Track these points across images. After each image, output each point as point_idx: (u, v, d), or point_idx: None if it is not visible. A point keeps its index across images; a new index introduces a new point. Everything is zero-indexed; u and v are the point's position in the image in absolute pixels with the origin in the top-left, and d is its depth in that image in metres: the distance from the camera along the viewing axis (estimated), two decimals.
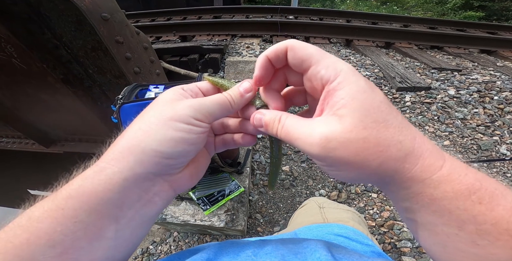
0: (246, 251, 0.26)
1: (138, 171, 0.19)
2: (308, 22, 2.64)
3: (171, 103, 0.21)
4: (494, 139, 1.44)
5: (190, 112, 0.20)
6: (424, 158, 0.16)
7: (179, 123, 0.20)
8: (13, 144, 1.32)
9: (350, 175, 0.18)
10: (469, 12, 5.54)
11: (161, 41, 2.44)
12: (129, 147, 0.19)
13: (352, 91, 0.17)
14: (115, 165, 0.19)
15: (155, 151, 0.19)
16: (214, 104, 0.22)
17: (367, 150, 0.16)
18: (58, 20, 0.81)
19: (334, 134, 0.17)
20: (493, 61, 2.18)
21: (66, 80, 0.95)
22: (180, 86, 0.23)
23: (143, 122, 0.20)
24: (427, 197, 0.16)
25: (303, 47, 0.19)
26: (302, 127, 0.19)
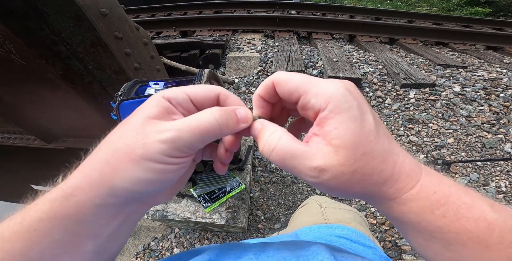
0: (248, 254, 0.25)
1: (110, 201, 0.18)
2: (310, 17, 2.60)
3: (147, 126, 0.18)
4: (499, 137, 1.42)
5: (164, 150, 0.17)
6: (400, 182, 0.18)
7: (151, 163, 0.17)
8: (15, 140, 1.33)
9: (335, 194, 0.20)
10: (476, 8, 5.42)
11: (161, 36, 2.41)
12: (97, 180, 0.17)
13: (344, 119, 0.18)
14: (83, 195, 0.17)
15: (127, 189, 0.18)
16: (197, 135, 0.18)
17: (354, 180, 0.18)
18: (56, 16, 0.80)
19: (329, 167, 0.18)
20: (500, 58, 2.13)
21: (66, 76, 0.94)
22: (169, 93, 0.20)
23: (112, 153, 0.18)
24: (398, 211, 0.19)
25: (288, 79, 0.20)
26: (299, 149, 0.19)
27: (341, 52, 2.01)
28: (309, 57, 1.94)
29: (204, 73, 0.71)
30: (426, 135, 1.47)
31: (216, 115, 0.19)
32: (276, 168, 1.40)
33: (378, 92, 1.68)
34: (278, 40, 2.26)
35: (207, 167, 0.99)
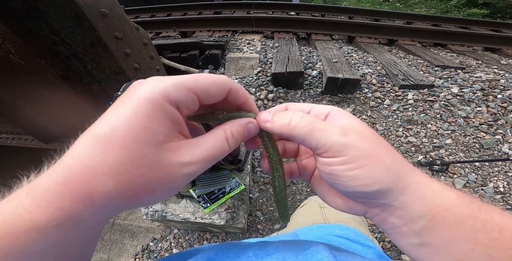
0: (247, 253, 0.25)
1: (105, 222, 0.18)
2: (310, 18, 2.60)
3: (165, 155, 0.16)
4: (497, 137, 1.43)
5: (187, 181, 0.18)
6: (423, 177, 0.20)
7: (173, 191, 0.18)
8: (13, 140, 1.32)
9: (362, 172, 0.19)
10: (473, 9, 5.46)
11: (161, 37, 2.41)
12: (103, 210, 0.15)
13: (349, 115, 0.22)
14: (83, 225, 0.15)
15: (129, 208, 0.18)
16: (212, 161, 0.19)
17: (382, 145, 0.20)
18: (56, 15, 0.80)
19: (353, 124, 0.20)
20: (497, 59, 2.15)
21: (65, 76, 0.94)
22: (175, 95, 0.16)
23: (125, 187, 0.15)
24: (442, 208, 0.17)
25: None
26: (322, 122, 0.21)
27: (340, 53, 2.02)
28: (308, 58, 1.94)
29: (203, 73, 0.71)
30: (424, 135, 1.48)
31: (231, 144, 0.20)
32: None
33: (377, 93, 1.68)
34: (277, 41, 2.27)
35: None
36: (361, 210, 0.22)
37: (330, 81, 1.62)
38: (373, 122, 1.58)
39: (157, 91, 0.16)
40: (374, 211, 0.21)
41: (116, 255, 1.21)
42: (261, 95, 1.66)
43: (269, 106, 1.65)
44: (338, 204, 0.24)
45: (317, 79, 1.77)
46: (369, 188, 0.19)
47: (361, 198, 0.21)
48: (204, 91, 0.18)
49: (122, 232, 1.25)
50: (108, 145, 0.14)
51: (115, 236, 1.25)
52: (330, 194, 0.24)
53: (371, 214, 0.22)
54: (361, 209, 0.22)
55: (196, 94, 0.18)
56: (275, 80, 1.71)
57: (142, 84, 0.16)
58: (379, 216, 0.21)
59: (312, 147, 0.20)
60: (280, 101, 1.68)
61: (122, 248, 1.22)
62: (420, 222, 0.18)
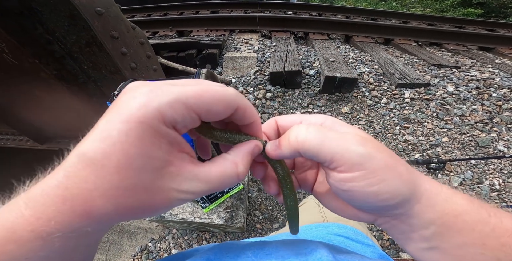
0: (247, 253, 0.25)
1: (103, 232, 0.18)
2: (307, 18, 2.61)
3: (161, 181, 0.15)
4: (492, 135, 1.45)
5: (186, 200, 0.17)
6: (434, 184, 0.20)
7: (168, 209, 0.17)
8: (7, 141, 1.30)
9: (383, 187, 0.17)
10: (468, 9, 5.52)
11: (157, 36, 2.39)
12: (103, 224, 0.16)
13: (350, 126, 0.21)
14: (84, 238, 0.15)
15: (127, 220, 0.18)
16: (208, 192, 0.17)
17: (393, 154, 0.19)
18: (51, 15, 0.79)
19: (367, 135, 0.19)
20: (492, 58, 2.18)
21: (60, 76, 0.93)
22: (171, 114, 0.14)
23: (121, 209, 0.14)
24: (452, 214, 0.17)
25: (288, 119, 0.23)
26: (331, 130, 0.20)
27: (338, 53, 2.03)
28: (306, 57, 1.95)
29: (202, 72, 0.70)
30: (421, 134, 1.49)
31: (240, 175, 0.18)
32: None
33: (374, 92, 1.69)
34: (275, 40, 2.26)
35: None
36: (370, 219, 0.21)
37: (327, 80, 1.63)
38: (370, 121, 1.59)
39: (151, 111, 0.14)
40: (384, 219, 0.21)
41: (114, 256, 1.20)
42: (259, 94, 1.66)
43: (267, 105, 1.65)
44: (347, 215, 0.22)
45: (315, 78, 1.77)
46: (389, 202, 0.18)
47: (377, 210, 0.20)
48: (207, 110, 0.15)
49: (120, 232, 1.24)
50: (101, 170, 0.14)
51: (113, 237, 1.24)
52: (337, 205, 0.23)
53: (381, 222, 0.21)
54: (370, 217, 0.21)
55: (197, 114, 0.15)
56: (273, 79, 1.71)
57: (134, 97, 0.14)
58: (389, 223, 0.20)
59: (326, 161, 0.18)
60: (278, 100, 1.69)
61: (120, 249, 1.21)
62: (430, 229, 0.18)
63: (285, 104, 1.68)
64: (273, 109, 1.63)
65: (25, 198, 0.14)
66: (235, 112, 0.17)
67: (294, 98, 1.71)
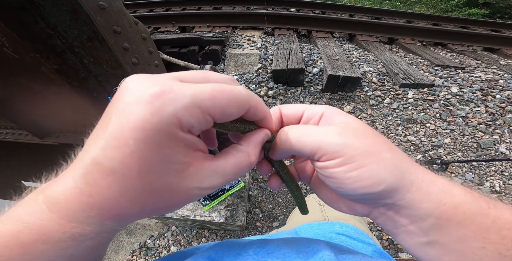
0: (248, 251, 0.25)
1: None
2: (310, 16, 2.58)
3: (184, 181, 0.15)
4: (494, 137, 1.44)
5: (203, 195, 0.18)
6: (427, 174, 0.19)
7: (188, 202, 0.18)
8: (6, 135, 1.30)
9: (363, 172, 0.18)
10: (473, 9, 5.45)
11: (159, 32, 2.38)
12: (118, 222, 0.16)
13: (344, 114, 0.21)
14: (94, 235, 0.16)
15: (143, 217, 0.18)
16: (224, 184, 0.18)
17: (382, 142, 0.19)
18: (52, 9, 0.78)
19: (349, 122, 0.20)
20: (497, 60, 2.15)
21: (61, 71, 0.92)
22: (187, 119, 0.14)
23: (148, 206, 0.15)
24: (450, 205, 0.17)
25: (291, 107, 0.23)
26: (311, 127, 0.20)
27: (341, 51, 2.01)
28: (309, 55, 1.93)
29: (205, 68, 0.69)
30: (423, 134, 1.48)
31: (252, 165, 0.19)
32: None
33: (377, 92, 1.68)
34: (278, 37, 2.24)
35: None
36: (365, 211, 0.21)
37: (330, 79, 1.62)
38: (372, 121, 1.58)
39: (167, 117, 0.13)
40: (379, 211, 0.20)
41: (113, 252, 1.21)
42: (261, 92, 1.65)
43: (269, 103, 1.64)
44: (341, 207, 0.23)
45: (318, 77, 1.76)
46: (373, 188, 0.17)
47: (366, 200, 0.20)
48: (221, 112, 0.15)
49: None
50: (122, 178, 0.13)
51: None
52: (332, 197, 0.23)
53: (376, 214, 0.21)
54: (365, 210, 0.21)
55: (211, 116, 0.15)
56: (275, 77, 1.70)
57: (146, 100, 0.13)
58: (384, 216, 0.20)
59: (308, 155, 0.19)
60: (280, 98, 1.68)
61: (119, 246, 1.22)
62: (428, 220, 0.17)
63: (287, 103, 1.67)
64: None
65: (45, 201, 0.14)
66: (247, 112, 0.17)
67: (297, 96, 1.70)
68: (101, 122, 0.14)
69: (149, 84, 0.14)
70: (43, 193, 0.15)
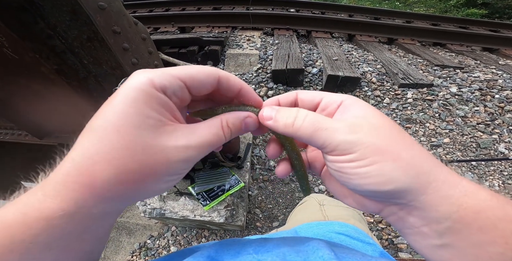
0: (248, 249, 0.25)
1: (116, 212, 0.19)
2: (310, 16, 2.59)
3: (158, 138, 0.16)
4: (493, 137, 1.44)
5: (185, 167, 0.18)
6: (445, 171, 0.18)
7: (171, 178, 0.18)
8: (6, 135, 1.29)
9: (372, 170, 0.17)
10: (472, 9, 5.46)
11: (159, 32, 2.38)
12: (106, 197, 0.16)
13: (363, 104, 0.20)
14: (87, 212, 0.16)
15: (139, 200, 0.19)
16: (207, 150, 0.19)
17: (402, 139, 0.18)
18: (52, 9, 0.78)
19: (366, 117, 0.19)
20: (495, 60, 2.16)
21: (60, 71, 0.92)
22: (160, 80, 0.17)
23: (121, 173, 0.15)
24: (471, 210, 0.16)
25: (310, 92, 0.23)
26: (330, 121, 0.19)
27: (341, 51, 2.01)
28: (308, 56, 1.93)
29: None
30: (423, 134, 1.49)
31: (226, 134, 0.20)
32: (275, 166, 1.40)
33: (376, 92, 1.68)
34: (277, 38, 2.25)
35: (206, 164, 0.99)
36: (375, 208, 0.20)
37: (330, 79, 1.62)
38: None
39: (143, 79, 0.16)
40: (390, 210, 0.19)
41: (112, 252, 1.21)
42: (261, 92, 1.65)
43: None
44: (351, 202, 0.22)
45: (317, 77, 1.76)
46: (381, 187, 0.17)
47: (375, 197, 0.19)
48: (190, 78, 0.18)
49: (119, 229, 1.24)
50: (103, 132, 0.15)
51: (111, 234, 1.24)
52: (342, 191, 0.23)
53: (387, 213, 0.20)
54: (375, 207, 0.20)
55: (182, 81, 0.18)
56: (275, 77, 1.70)
57: (131, 76, 0.17)
58: (396, 215, 0.19)
59: (318, 147, 0.19)
60: None
61: (118, 246, 1.22)
62: (444, 223, 0.17)
63: None
64: None
65: (42, 183, 0.16)
66: (220, 83, 0.19)
67: None
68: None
69: (143, 70, 0.18)
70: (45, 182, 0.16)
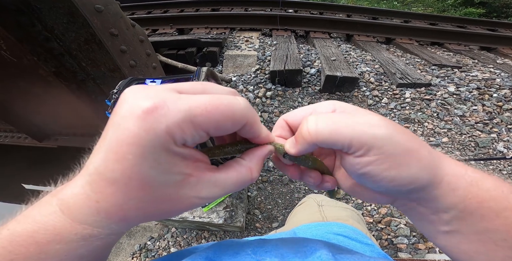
0: (246, 250, 0.25)
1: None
2: (308, 16, 2.59)
3: (182, 190, 0.16)
4: (492, 136, 1.44)
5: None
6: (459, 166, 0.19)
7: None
8: (5, 138, 1.29)
9: (401, 172, 0.17)
10: (470, 9, 5.48)
11: (157, 34, 2.38)
12: (124, 226, 0.17)
13: (366, 112, 0.20)
14: (104, 240, 0.17)
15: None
16: (223, 195, 0.19)
17: (415, 137, 0.18)
18: (50, 12, 0.78)
19: (382, 119, 0.18)
20: (493, 59, 2.17)
21: (59, 74, 0.92)
22: (180, 134, 0.14)
23: (146, 216, 0.16)
24: (475, 199, 0.17)
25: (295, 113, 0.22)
26: (344, 116, 0.18)
27: (339, 51, 2.02)
28: (306, 56, 1.94)
29: (202, 71, 0.70)
30: (421, 134, 1.49)
31: (253, 180, 0.19)
32: (274, 166, 1.40)
33: (375, 92, 1.69)
34: (276, 38, 2.25)
35: None
36: (388, 201, 0.21)
37: (328, 79, 1.62)
38: None
39: (160, 134, 0.13)
40: (402, 202, 0.20)
41: (113, 254, 1.20)
42: (259, 93, 1.66)
43: (267, 104, 1.64)
44: (363, 196, 0.22)
45: (316, 77, 1.76)
46: (405, 186, 0.17)
47: (394, 193, 0.19)
48: (215, 127, 0.15)
49: None
50: (125, 188, 0.14)
51: None
52: (352, 186, 0.22)
53: (399, 204, 0.21)
54: (387, 200, 0.21)
55: (205, 131, 0.15)
56: (273, 78, 1.70)
57: (138, 116, 0.13)
58: (407, 206, 0.20)
59: (344, 147, 0.17)
60: (278, 99, 1.68)
61: (119, 247, 1.22)
62: (450, 213, 0.18)
63: (285, 103, 1.67)
64: (273, 108, 1.63)
65: (59, 204, 0.16)
66: (242, 128, 0.17)
67: (295, 97, 1.70)
68: (104, 132, 0.15)
69: (143, 97, 0.14)
70: (56, 196, 0.16)
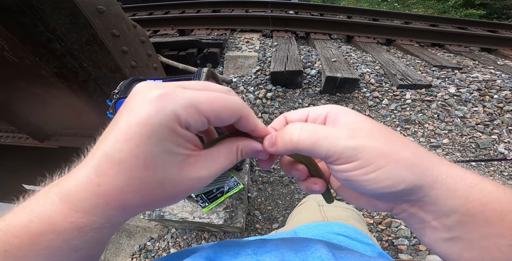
0: (246, 250, 0.25)
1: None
2: (309, 18, 2.60)
3: (184, 171, 0.17)
4: (493, 137, 1.44)
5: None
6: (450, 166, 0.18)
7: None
8: (6, 139, 1.30)
9: (381, 174, 0.17)
10: (470, 10, 5.49)
11: (158, 35, 2.39)
12: (125, 213, 0.18)
13: (353, 113, 0.21)
14: (104, 230, 0.17)
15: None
16: (218, 173, 0.20)
17: (397, 139, 0.18)
18: (52, 12, 0.78)
19: (358, 123, 0.19)
20: (494, 60, 2.17)
21: (60, 74, 0.93)
22: (185, 117, 0.16)
23: (152, 199, 0.17)
24: (478, 202, 0.16)
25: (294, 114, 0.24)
26: (329, 129, 0.19)
27: (339, 53, 2.02)
28: (307, 57, 1.94)
29: (203, 72, 0.70)
30: (422, 135, 1.49)
31: (238, 159, 0.21)
32: (274, 167, 1.40)
33: (375, 93, 1.69)
34: (276, 39, 2.26)
35: None
36: (387, 207, 0.21)
37: (329, 81, 1.62)
38: None
39: (168, 114, 0.15)
40: (401, 207, 0.20)
41: (112, 255, 1.20)
42: (260, 94, 1.66)
43: (268, 105, 1.64)
44: (361, 203, 0.22)
45: (316, 79, 1.77)
46: (393, 188, 0.17)
47: (387, 198, 0.19)
48: (215, 115, 0.17)
49: (119, 231, 1.24)
50: (129, 168, 0.15)
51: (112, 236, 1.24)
52: (350, 194, 0.23)
53: (398, 210, 0.20)
54: (387, 206, 0.21)
55: (206, 118, 0.17)
56: (274, 79, 1.70)
57: (150, 100, 0.15)
58: (407, 212, 0.19)
59: (321, 157, 0.19)
60: (279, 100, 1.68)
61: (118, 248, 1.21)
62: (452, 217, 0.17)
63: (286, 104, 1.68)
64: (273, 109, 1.63)
65: (57, 192, 0.16)
66: (238, 120, 0.19)
67: (295, 98, 1.70)
68: (113, 121, 0.16)
69: (155, 87, 0.16)
70: (57, 185, 0.16)
